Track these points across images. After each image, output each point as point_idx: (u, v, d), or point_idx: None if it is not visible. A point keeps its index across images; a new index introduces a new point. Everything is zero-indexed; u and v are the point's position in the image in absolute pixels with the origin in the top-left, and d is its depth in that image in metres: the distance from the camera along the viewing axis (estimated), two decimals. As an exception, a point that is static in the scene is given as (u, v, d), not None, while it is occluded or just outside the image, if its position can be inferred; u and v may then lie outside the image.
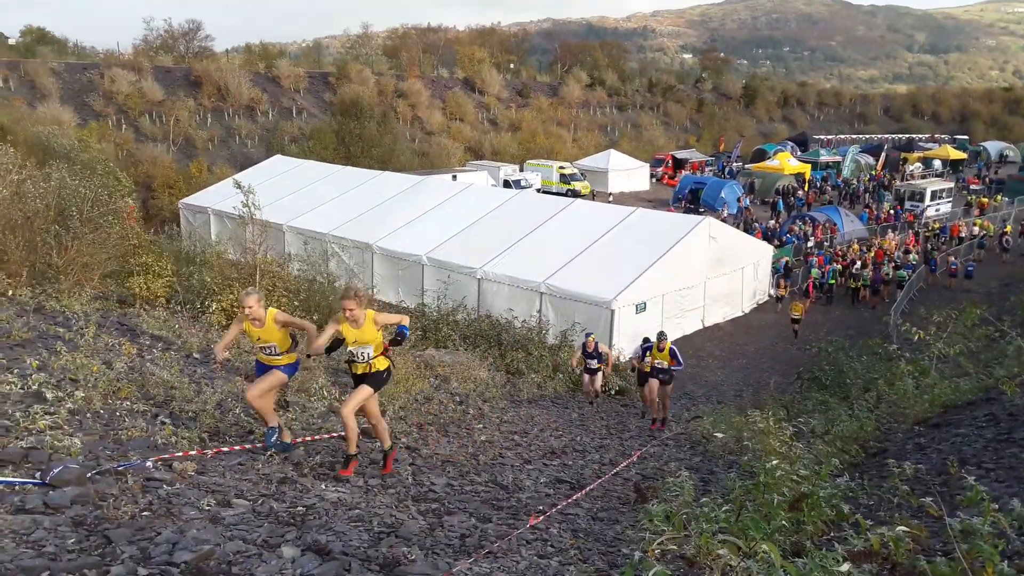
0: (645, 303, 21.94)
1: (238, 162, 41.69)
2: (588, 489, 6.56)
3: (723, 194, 44.02)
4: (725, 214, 40.16)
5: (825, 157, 59.33)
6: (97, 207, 14.33)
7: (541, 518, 5.18)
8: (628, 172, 53.26)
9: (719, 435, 9.20)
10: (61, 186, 13.98)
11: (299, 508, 4.62)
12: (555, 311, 21.34)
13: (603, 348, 14.68)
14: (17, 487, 4.33)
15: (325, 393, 9.39)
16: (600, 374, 14.52)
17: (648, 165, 56.12)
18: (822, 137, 73.92)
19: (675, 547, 3.83)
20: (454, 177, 38.44)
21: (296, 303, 16.35)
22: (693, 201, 44.70)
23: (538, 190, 47.11)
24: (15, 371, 7.21)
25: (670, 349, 12.92)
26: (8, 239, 13.15)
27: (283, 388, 7.79)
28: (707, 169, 57.63)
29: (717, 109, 79.47)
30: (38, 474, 4.71)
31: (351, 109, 44.00)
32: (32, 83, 41.00)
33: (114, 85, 42.96)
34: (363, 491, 5.37)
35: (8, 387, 6.63)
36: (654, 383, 12.84)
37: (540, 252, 23.28)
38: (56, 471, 4.60)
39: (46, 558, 3.10)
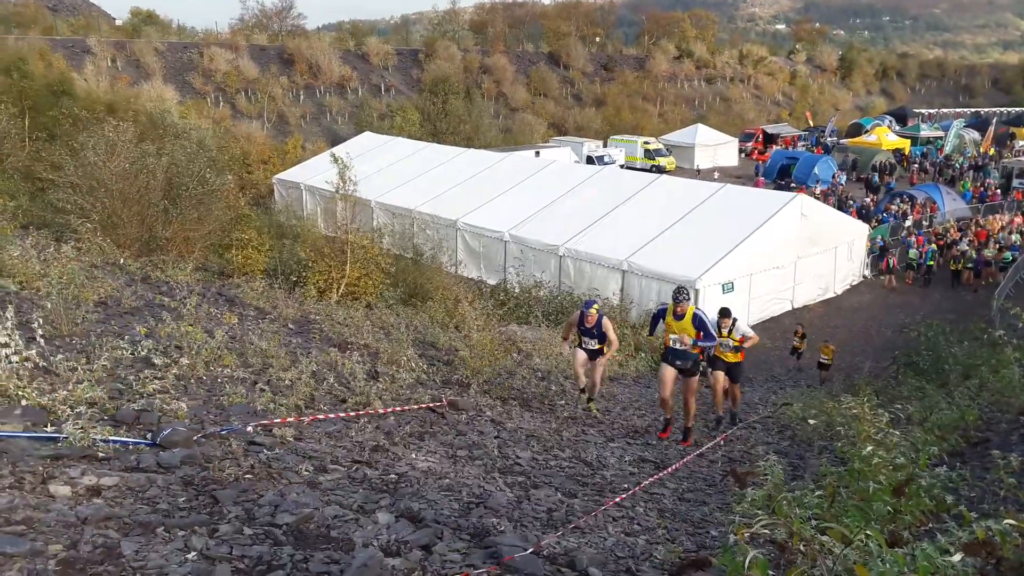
0: (732, 283, 21.45)
1: (329, 138, 42.71)
2: (673, 468, 6.53)
3: (816, 170, 42.49)
4: (818, 191, 38.76)
5: (926, 132, 56.38)
6: (202, 184, 15.01)
7: (626, 496, 5.19)
8: (716, 147, 51.96)
9: (811, 421, 8.98)
10: (171, 163, 14.69)
11: (391, 476, 4.78)
12: (638, 290, 21.11)
13: (607, 325, 9.54)
14: (131, 447, 4.62)
15: (413, 365, 9.60)
16: (601, 361, 9.67)
17: (737, 140, 54.58)
18: (923, 111, 70.17)
19: (766, 531, 3.77)
20: (537, 153, 38.35)
21: (387, 281, 16.76)
22: (784, 177, 43.30)
23: (621, 166, 46.54)
24: (126, 337, 7.64)
25: (695, 316, 8.53)
26: (123, 211, 13.94)
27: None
28: (800, 144, 55.65)
29: (811, 81, 76.44)
30: (149, 435, 5.02)
31: (437, 86, 44.38)
32: (138, 62, 42.96)
33: (212, 63, 44.60)
34: (451, 461, 5.49)
35: (120, 352, 7.04)
36: (668, 372, 8.79)
37: (623, 229, 23.03)
38: (165, 433, 4.89)
39: (160, 514, 3.32)
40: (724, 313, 10.54)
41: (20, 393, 5.22)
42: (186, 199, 14.60)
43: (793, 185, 39.65)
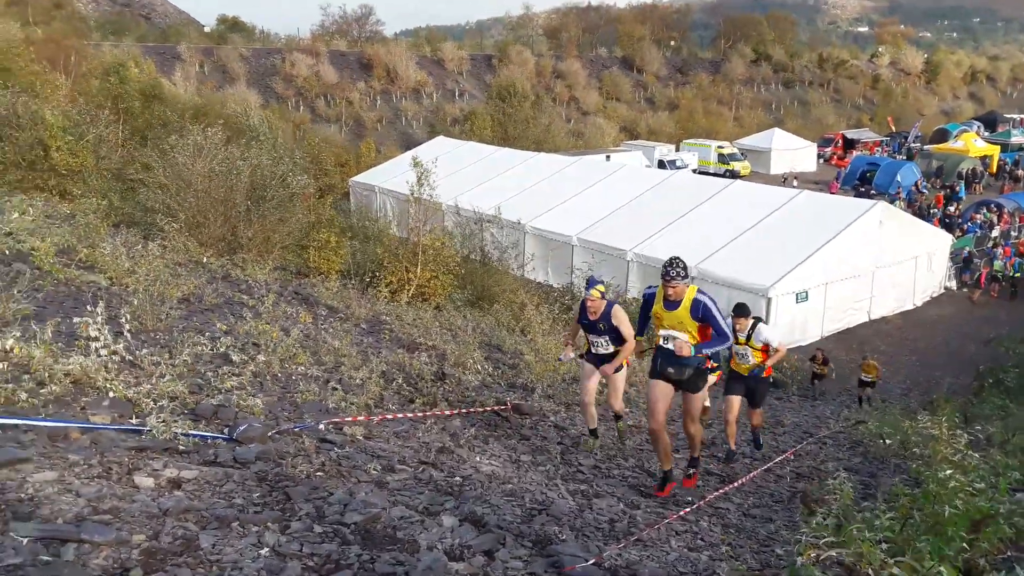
0: (807, 292, 20.91)
1: (403, 143, 43.48)
2: (739, 483, 6.43)
3: (898, 177, 41.01)
4: (900, 198, 37.43)
5: (1017, 138, 53.72)
6: (284, 187, 15.54)
7: (691, 510, 5.15)
8: (793, 152, 50.69)
9: (886, 440, 8.70)
10: (255, 166, 15.24)
11: (456, 478, 4.87)
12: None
13: (619, 316, 6.93)
14: (209, 440, 4.82)
15: (479, 367, 9.71)
16: (622, 369, 7.22)
17: (815, 145, 53.13)
18: (1015, 116, 66.89)
19: (834, 554, 3.70)
20: (607, 158, 38.15)
21: (456, 283, 16.98)
22: (865, 183, 41.95)
23: (694, 171, 45.89)
24: (207, 334, 7.97)
25: (696, 303, 5.84)
26: (208, 211, 14.53)
27: None
28: (882, 150, 53.83)
29: (894, 85, 73.80)
30: (226, 429, 5.23)
31: (507, 91, 44.69)
32: (224, 68, 44.62)
33: (294, 69, 45.97)
34: (514, 466, 5.55)
35: (201, 348, 7.34)
36: (659, 390, 6.05)
37: (694, 235, 22.72)
38: (242, 428, 5.08)
39: (235, 508, 3.47)
40: (740, 311, 7.93)
41: (108, 386, 5.51)
42: (268, 201, 15.11)
43: (873, 192, 38.36)
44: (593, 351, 7.21)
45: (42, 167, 17.14)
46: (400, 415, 6.52)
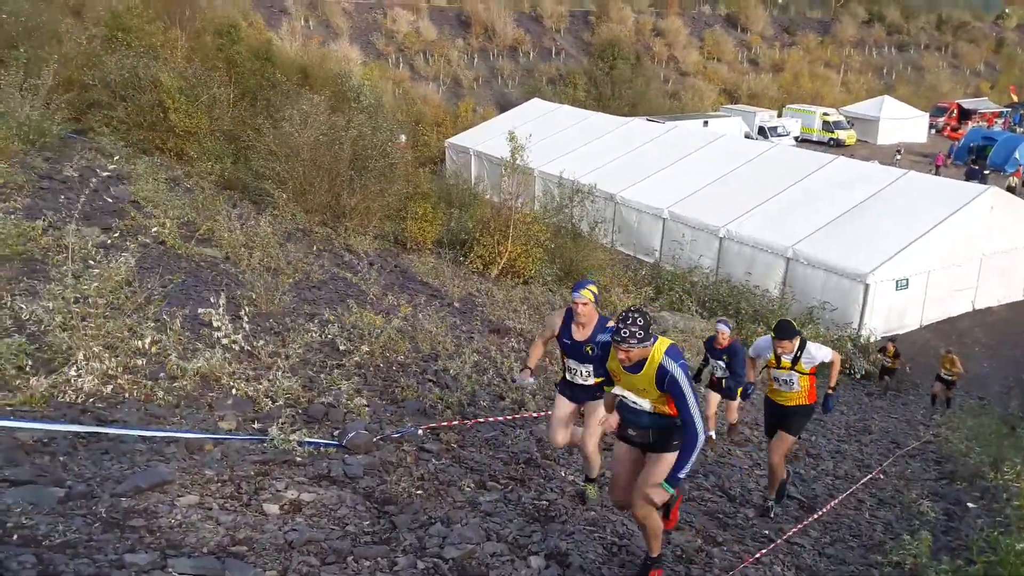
0: (908, 280, 20.19)
1: (499, 103, 43.56)
2: (818, 515, 6.54)
3: (1016, 154, 38.51)
4: (1017, 177, 35.17)
5: None
6: (384, 157, 16.06)
7: (766, 552, 5.34)
8: (903, 121, 48.15)
9: (970, 459, 8.56)
10: (359, 136, 15.79)
11: (543, 501, 5.20)
12: (802, 281, 20.33)
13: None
14: (322, 449, 5.30)
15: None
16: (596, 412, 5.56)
17: (927, 114, 50.27)
18: None
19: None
20: (705, 123, 37.26)
21: (545, 257, 17.22)
22: (979, 159, 39.54)
23: (796, 138, 44.32)
24: (315, 320, 8.53)
25: (660, 371, 4.19)
26: (314, 180, 15.21)
27: None
28: (1002, 122, 50.50)
29: (1020, 51, 68.58)
30: (336, 433, 5.71)
31: (605, 51, 43.96)
32: (327, 23, 45.51)
33: (395, 25, 46.45)
34: (597, 486, 5.84)
35: (311, 336, 7.89)
36: (619, 452, 4.80)
37: (791, 213, 22.16)
38: (350, 436, 5.55)
39: (349, 539, 3.89)
40: (783, 331, 6.41)
41: (231, 383, 6.07)
42: (370, 171, 15.66)
43: (987, 171, 36.18)
44: (569, 378, 5.38)
45: (161, 128, 18.15)
46: (491, 419, 6.89)
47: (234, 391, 5.96)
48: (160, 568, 3.21)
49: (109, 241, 7.64)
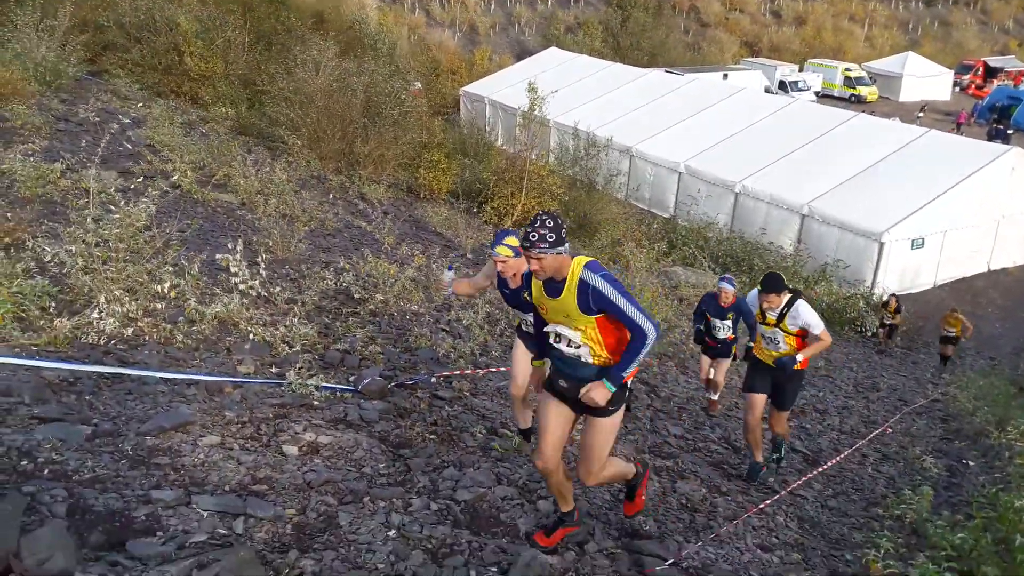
0: (923, 239, 20.07)
1: (515, 50, 42.91)
2: (822, 469, 6.66)
3: (1043, 114, 37.82)
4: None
5: None
6: (398, 105, 15.96)
7: (770, 502, 5.46)
8: (926, 79, 47.17)
9: (976, 419, 8.64)
10: (371, 82, 15.68)
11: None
12: (816, 238, 20.24)
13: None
14: (338, 393, 5.42)
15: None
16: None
17: (952, 72, 49.18)
18: None
19: (897, 570, 3.97)
20: (725, 76, 36.64)
21: (560, 209, 17.19)
22: (1002, 119, 38.79)
23: (817, 93, 43.57)
24: (331, 268, 8.62)
25: (583, 285, 3.54)
26: (327, 127, 15.17)
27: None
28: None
29: (1055, 6, 66.60)
30: (352, 379, 5.84)
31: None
32: (342, -36, 44.74)
33: (410, -33, 45.58)
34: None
35: (326, 284, 7.99)
36: (550, 411, 3.93)
37: (809, 170, 21.95)
38: (365, 382, 5.67)
39: (365, 480, 4.03)
40: (771, 285, 5.91)
41: (249, 328, 6.19)
42: (384, 119, 15.59)
43: (1011, 131, 35.52)
44: (524, 328, 5.01)
45: (176, 71, 18.07)
46: (502, 368, 7.00)
47: (252, 336, 6.08)
48: (184, 504, 3.35)
49: (132, 186, 7.71)
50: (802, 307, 5.95)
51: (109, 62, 17.15)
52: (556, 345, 3.76)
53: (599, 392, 3.59)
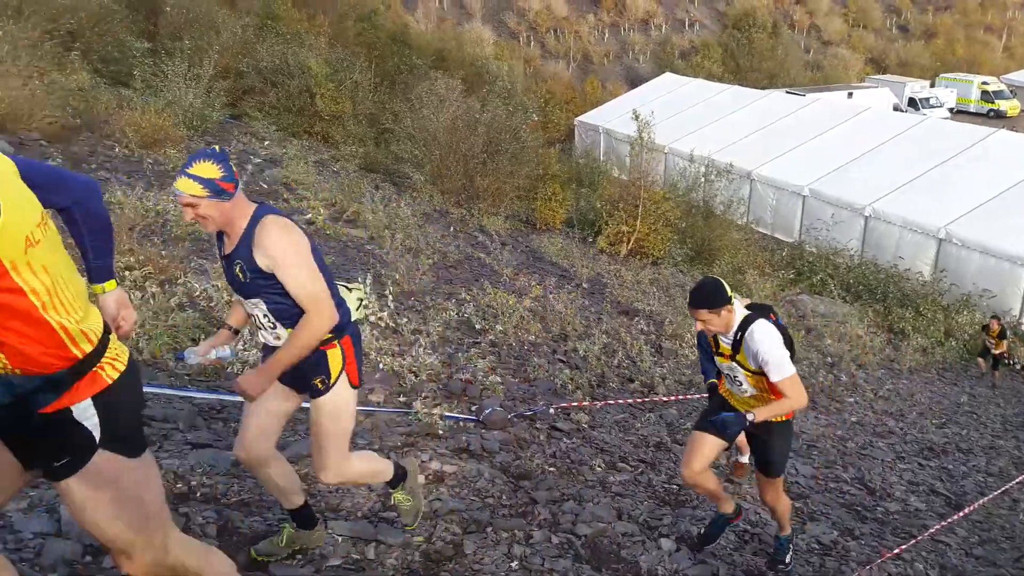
0: (1074, 267, 18.49)
1: (628, 78, 42.92)
2: (966, 512, 6.22)
3: None
4: None
5: None
6: (516, 140, 16.35)
7: (907, 546, 5.16)
8: (1078, 89, 43.71)
9: None
10: (492, 119, 16.14)
11: (673, 485, 5.26)
12: (955, 263, 19.03)
13: (278, 244, 2.91)
14: (461, 423, 5.57)
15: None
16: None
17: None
18: None
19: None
20: (849, 95, 35.27)
21: (675, 236, 17.00)
22: None
23: (951, 109, 41.20)
24: (453, 299, 8.88)
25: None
26: (450, 162, 15.71)
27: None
28: None
29: None
30: (474, 409, 5.98)
31: (742, 20, 42.32)
32: (460, 3, 46.23)
33: (526, 3, 46.56)
34: (728, 471, 5.82)
35: (448, 315, 8.24)
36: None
37: (944, 192, 20.73)
38: (487, 412, 5.80)
39: (488, 511, 4.12)
40: (697, 296, 3.92)
41: (379, 359, 6.46)
42: (503, 154, 15.98)
43: None
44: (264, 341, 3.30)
45: (308, 112, 19.18)
46: (620, 401, 6.98)
47: (381, 366, 6.34)
48: (321, 528, 3.54)
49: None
50: (757, 334, 3.81)
51: (248, 105, 18.39)
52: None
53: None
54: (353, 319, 3.21)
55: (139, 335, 5.56)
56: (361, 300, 3.32)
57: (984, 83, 42.77)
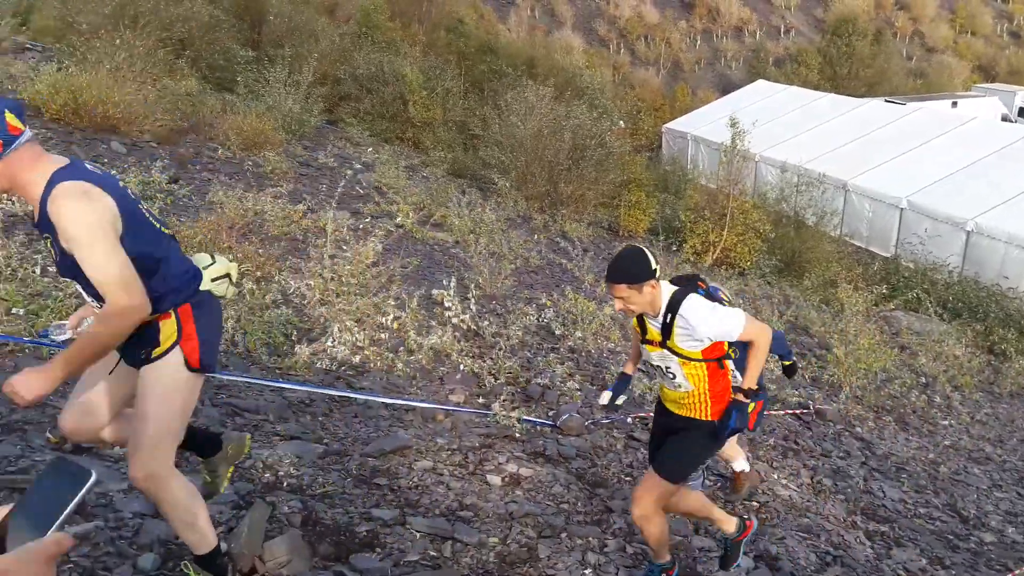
0: None
1: (720, 85, 42.15)
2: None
3: None
4: None
5: None
6: (602, 147, 16.34)
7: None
8: None
9: None
10: (578, 125, 16.19)
11: (754, 503, 5.17)
12: (1066, 284, 17.94)
13: (66, 207, 2.43)
14: (538, 427, 5.63)
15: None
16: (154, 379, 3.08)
17: None
18: None
19: None
20: (953, 104, 33.64)
21: (764, 247, 16.61)
22: None
23: (1070, 120, 38.73)
24: (533, 304, 8.95)
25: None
26: (535, 170, 15.84)
27: None
28: None
29: None
30: (551, 414, 6.03)
31: (841, 27, 40.94)
32: (552, 11, 46.44)
33: (617, 10, 46.37)
34: (811, 491, 5.68)
35: (528, 319, 8.31)
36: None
37: (1057, 208, 19.58)
38: (564, 418, 5.84)
39: (563, 516, 4.15)
40: (613, 270, 3.56)
41: (460, 360, 6.59)
42: (588, 160, 16.00)
43: None
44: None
45: (401, 119, 19.65)
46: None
47: (462, 367, 6.47)
48: (400, 524, 3.65)
49: (360, 225, 8.51)
50: (690, 312, 3.32)
51: (344, 111, 18.99)
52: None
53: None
54: (204, 288, 2.77)
55: (235, 329, 5.85)
56: (227, 275, 2.87)
57: (1106, 91, 40.07)
